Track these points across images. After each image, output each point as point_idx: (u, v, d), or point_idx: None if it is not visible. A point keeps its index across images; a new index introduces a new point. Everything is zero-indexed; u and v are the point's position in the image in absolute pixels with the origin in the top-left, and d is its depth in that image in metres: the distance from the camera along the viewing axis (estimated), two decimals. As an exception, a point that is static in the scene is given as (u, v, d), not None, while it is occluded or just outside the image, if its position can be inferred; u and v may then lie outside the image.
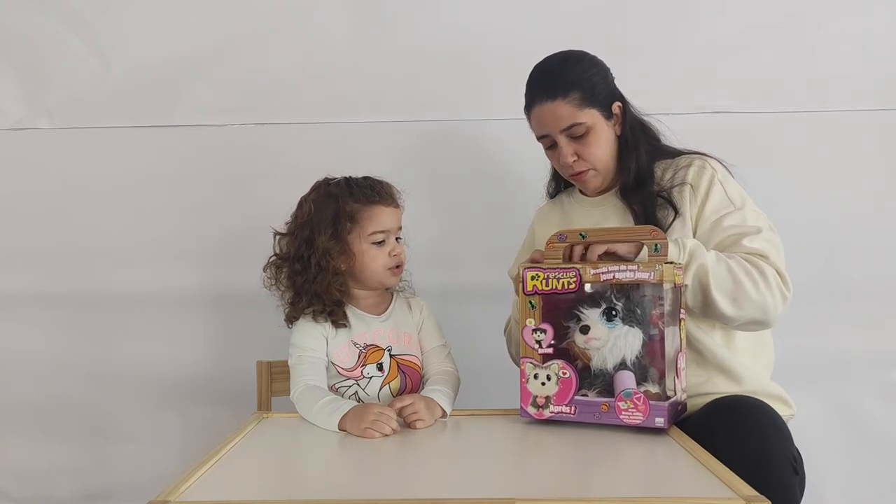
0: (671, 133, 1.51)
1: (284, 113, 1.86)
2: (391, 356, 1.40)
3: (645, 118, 1.49)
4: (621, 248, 1.26)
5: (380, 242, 1.39)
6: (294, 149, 1.84)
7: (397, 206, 1.43)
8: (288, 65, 1.85)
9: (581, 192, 1.55)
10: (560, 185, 1.63)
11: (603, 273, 1.16)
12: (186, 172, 1.87)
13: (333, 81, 1.85)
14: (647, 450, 1.09)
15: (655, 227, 1.23)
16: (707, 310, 1.31)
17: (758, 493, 0.87)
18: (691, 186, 1.40)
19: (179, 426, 1.88)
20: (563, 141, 1.42)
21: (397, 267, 1.42)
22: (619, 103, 1.45)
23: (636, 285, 1.15)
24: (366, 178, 1.42)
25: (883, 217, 1.81)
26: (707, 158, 1.44)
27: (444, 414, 1.29)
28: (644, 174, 1.43)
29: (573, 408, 1.19)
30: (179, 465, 1.15)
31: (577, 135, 1.41)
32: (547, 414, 1.21)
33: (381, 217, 1.39)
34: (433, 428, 1.26)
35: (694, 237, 1.38)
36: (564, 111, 1.40)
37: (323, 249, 1.36)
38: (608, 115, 1.44)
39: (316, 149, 1.82)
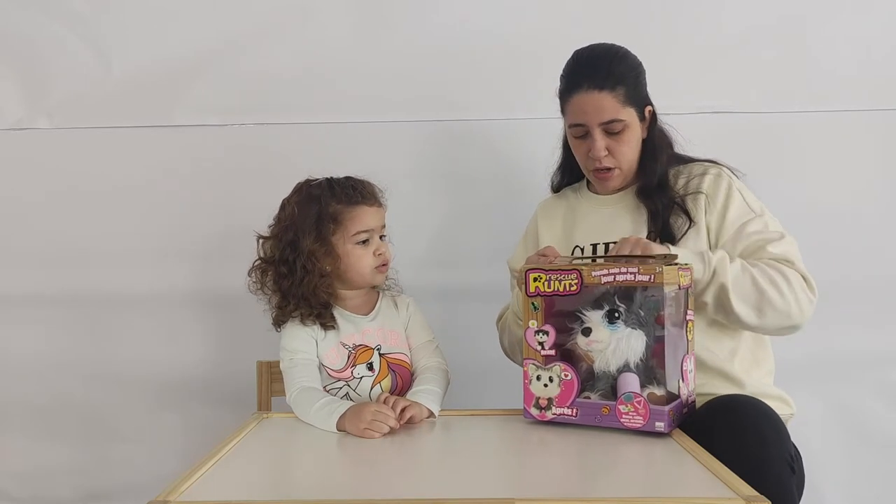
0: (684, 141, 1.51)
1: (284, 113, 1.85)
2: (380, 355, 1.40)
3: (666, 126, 1.50)
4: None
5: (364, 242, 1.39)
6: (294, 149, 1.83)
7: (380, 204, 1.43)
8: (288, 65, 1.85)
9: (589, 189, 1.55)
10: (565, 178, 1.62)
11: (604, 275, 1.16)
12: (186, 172, 1.87)
13: (334, 81, 1.85)
14: (647, 450, 1.09)
15: (674, 256, 1.25)
16: (731, 321, 1.34)
17: (758, 494, 0.87)
18: (706, 196, 1.41)
19: (179, 426, 1.88)
20: (598, 134, 1.42)
21: (383, 265, 1.42)
22: (650, 107, 1.46)
23: (641, 287, 1.15)
24: (347, 179, 1.42)
25: (883, 217, 1.82)
26: (721, 167, 1.45)
27: (432, 414, 1.29)
28: (664, 179, 1.44)
29: (575, 410, 1.19)
30: (179, 465, 1.15)
31: (615, 131, 1.41)
32: (549, 415, 1.21)
33: (364, 217, 1.39)
34: (432, 428, 1.26)
35: (716, 245, 1.39)
36: (609, 104, 1.40)
37: (308, 252, 1.36)
38: (642, 116, 1.44)
39: (316, 149, 1.81)
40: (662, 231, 1.40)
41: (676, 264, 1.20)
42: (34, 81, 1.87)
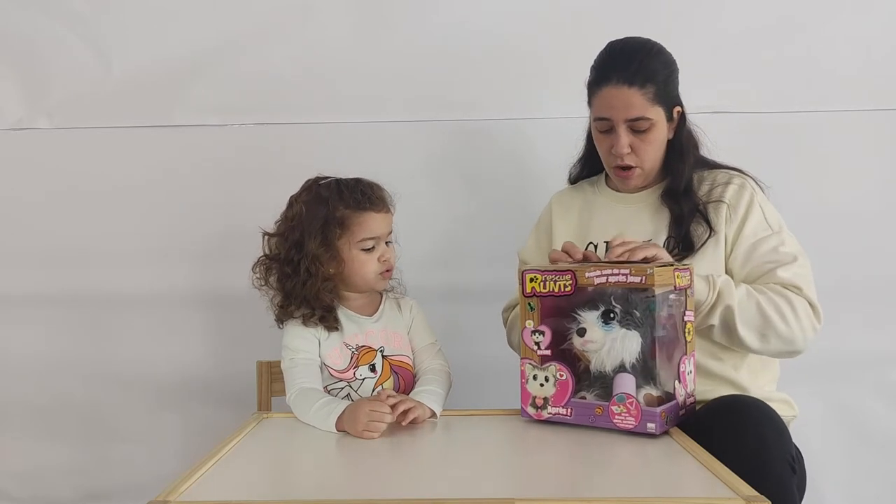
0: (711, 144, 1.50)
1: (284, 113, 1.85)
2: (383, 357, 1.39)
3: (694, 127, 1.48)
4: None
5: (370, 248, 1.38)
6: (294, 149, 1.84)
7: (388, 210, 1.41)
8: (288, 65, 1.85)
9: (608, 184, 1.54)
10: (584, 171, 1.60)
11: (596, 276, 1.16)
12: (186, 172, 1.87)
13: (334, 81, 1.85)
14: (647, 450, 1.09)
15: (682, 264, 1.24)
16: (734, 344, 1.34)
17: (758, 494, 0.87)
18: (728, 206, 1.40)
19: (179, 426, 1.89)
20: (622, 130, 1.39)
21: (387, 271, 1.41)
22: (679, 108, 1.44)
23: (640, 288, 1.14)
24: (357, 182, 1.40)
25: (882, 217, 1.82)
26: (746, 178, 1.44)
27: (434, 414, 1.28)
28: (690, 183, 1.43)
29: (570, 409, 1.19)
30: (179, 465, 1.15)
31: (640, 129, 1.39)
32: (545, 415, 1.21)
33: (370, 224, 1.37)
34: (431, 428, 1.26)
35: (729, 257, 1.39)
36: (637, 101, 1.37)
37: (313, 255, 1.35)
38: (670, 116, 1.43)
39: (316, 149, 1.82)
40: (683, 237, 1.39)
41: (673, 265, 1.19)
42: (34, 81, 1.87)
